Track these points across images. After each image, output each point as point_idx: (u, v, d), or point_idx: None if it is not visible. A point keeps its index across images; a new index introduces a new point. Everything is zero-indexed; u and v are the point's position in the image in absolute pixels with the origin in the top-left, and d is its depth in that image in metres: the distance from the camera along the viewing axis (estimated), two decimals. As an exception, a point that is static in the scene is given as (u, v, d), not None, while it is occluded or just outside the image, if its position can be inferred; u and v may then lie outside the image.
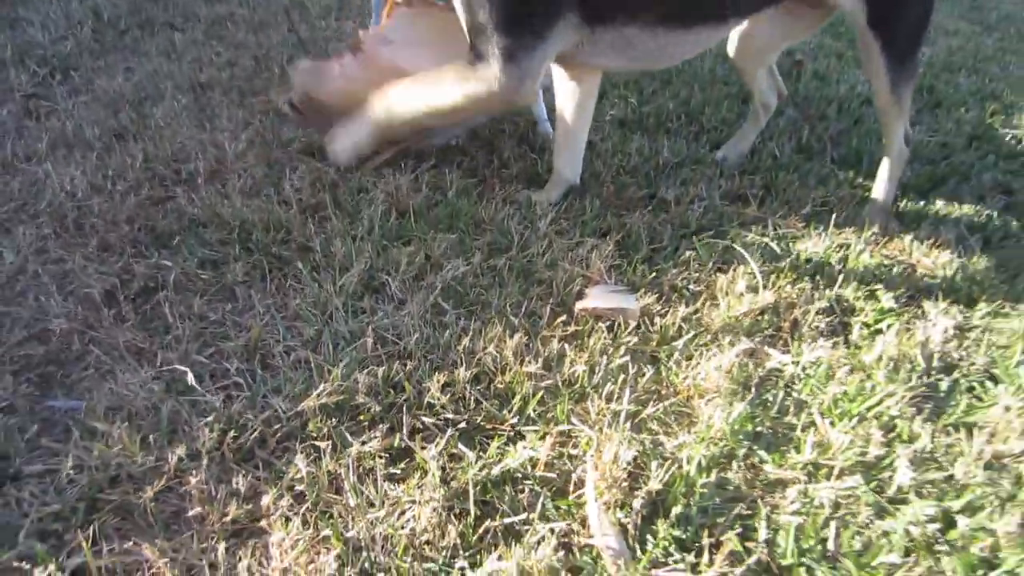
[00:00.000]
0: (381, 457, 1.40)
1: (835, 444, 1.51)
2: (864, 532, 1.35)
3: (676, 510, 1.33)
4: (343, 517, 1.28)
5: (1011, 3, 5.31)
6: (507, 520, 1.30)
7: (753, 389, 1.66)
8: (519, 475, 1.38)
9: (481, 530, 1.28)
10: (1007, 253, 2.22)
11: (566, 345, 1.69)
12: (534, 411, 1.53)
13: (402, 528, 1.26)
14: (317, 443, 1.41)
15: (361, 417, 1.48)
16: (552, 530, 1.27)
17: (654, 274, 1.96)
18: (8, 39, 3.00)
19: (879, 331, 1.87)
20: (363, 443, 1.41)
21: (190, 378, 1.50)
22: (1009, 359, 1.81)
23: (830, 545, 1.31)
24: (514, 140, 2.47)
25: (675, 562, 1.25)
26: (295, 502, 1.30)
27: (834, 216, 2.27)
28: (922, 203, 2.45)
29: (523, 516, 1.30)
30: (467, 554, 1.24)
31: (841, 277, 2.02)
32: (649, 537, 1.28)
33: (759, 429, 1.56)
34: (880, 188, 2.31)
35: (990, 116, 3.08)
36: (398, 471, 1.38)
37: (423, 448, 1.41)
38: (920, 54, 2.21)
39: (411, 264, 1.90)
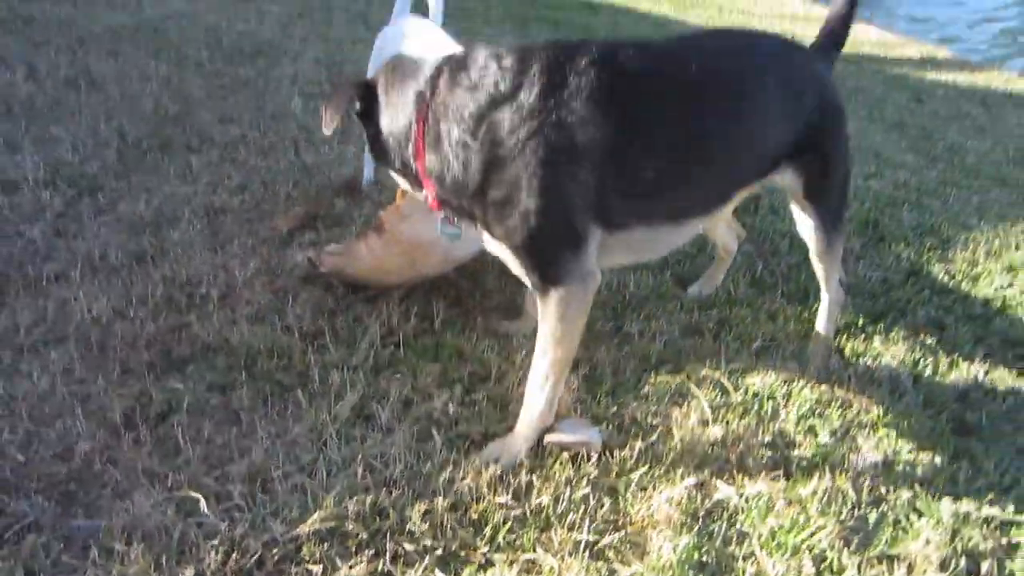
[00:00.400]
0: (367, 582, 1.59)
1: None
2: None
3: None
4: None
5: (957, 132, 5.72)
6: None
7: (700, 520, 1.87)
8: (488, 602, 1.59)
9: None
10: (935, 390, 2.46)
11: (534, 476, 1.91)
12: (504, 539, 1.74)
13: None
14: (310, 567, 1.61)
15: (349, 542, 1.68)
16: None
17: (616, 407, 2.19)
18: (41, 158, 3.27)
19: (816, 465, 2.10)
20: (351, 567, 1.61)
21: (202, 504, 1.70)
22: (932, 493, 2.03)
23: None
24: (496, 271, 2.72)
25: None
26: (290, 625, 1.50)
27: (780, 351, 2.53)
28: (862, 337, 2.71)
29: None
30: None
31: (784, 412, 2.27)
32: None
33: (704, 559, 1.76)
34: (821, 327, 2.57)
35: (928, 251, 3.38)
36: (381, 596, 1.58)
37: (403, 574, 1.61)
38: (847, 212, 2.50)
39: (399, 394, 2.13)
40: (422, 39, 2.77)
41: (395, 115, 1.96)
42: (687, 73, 1.97)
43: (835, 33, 2.35)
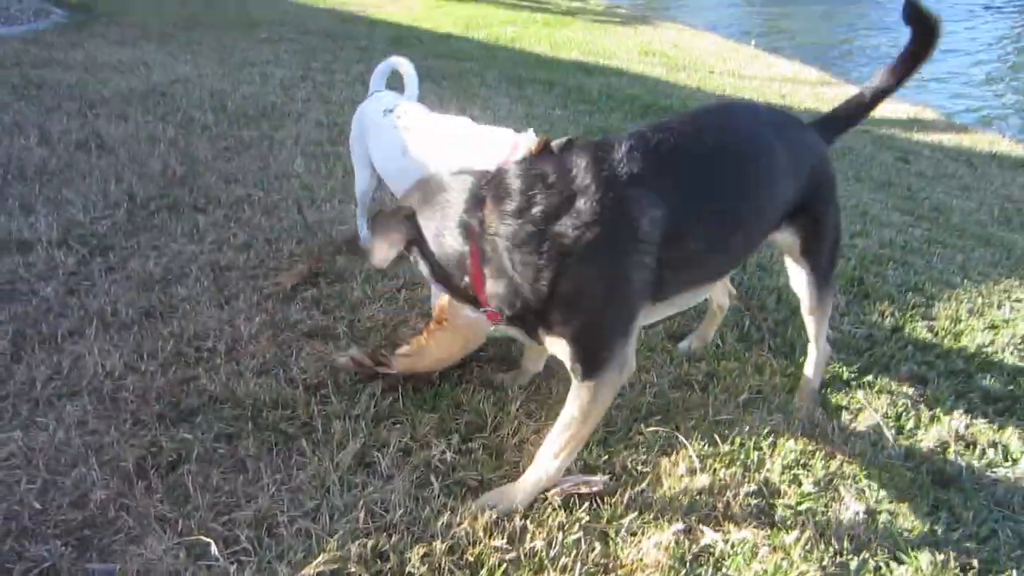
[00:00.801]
0: (368, 622, 1.67)
1: (755, 618, 1.80)
2: None
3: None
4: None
5: (943, 191, 5.89)
6: None
7: (687, 564, 1.95)
8: (483, 641, 1.66)
9: None
10: (915, 442, 2.55)
11: (528, 521, 2.00)
12: (498, 582, 1.82)
13: None
14: (315, 608, 1.69)
15: (352, 585, 1.77)
16: None
17: (607, 456, 2.28)
18: (54, 219, 3.41)
19: (800, 512, 2.18)
20: (354, 609, 1.69)
21: (213, 549, 1.78)
22: (911, 541, 2.11)
23: None
24: (493, 325, 2.83)
25: None
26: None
27: (767, 404, 2.62)
28: (845, 392, 2.81)
29: None
30: None
31: (769, 462, 2.35)
32: None
33: (691, 602, 1.84)
34: (806, 380, 2.69)
35: (912, 308, 3.50)
36: (382, 636, 1.65)
37: (404, 615, 1.69)
38: (836, 271, 2.64)
39: (399, 443, 2.22)
40: (411, 122, 2.94)
41: (442, 248, 1.99)
42: (715, 146, 2.10)
43: (849, 116, 2.50)
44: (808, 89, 9.88)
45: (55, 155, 4.21)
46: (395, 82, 3.51)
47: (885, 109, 9.85)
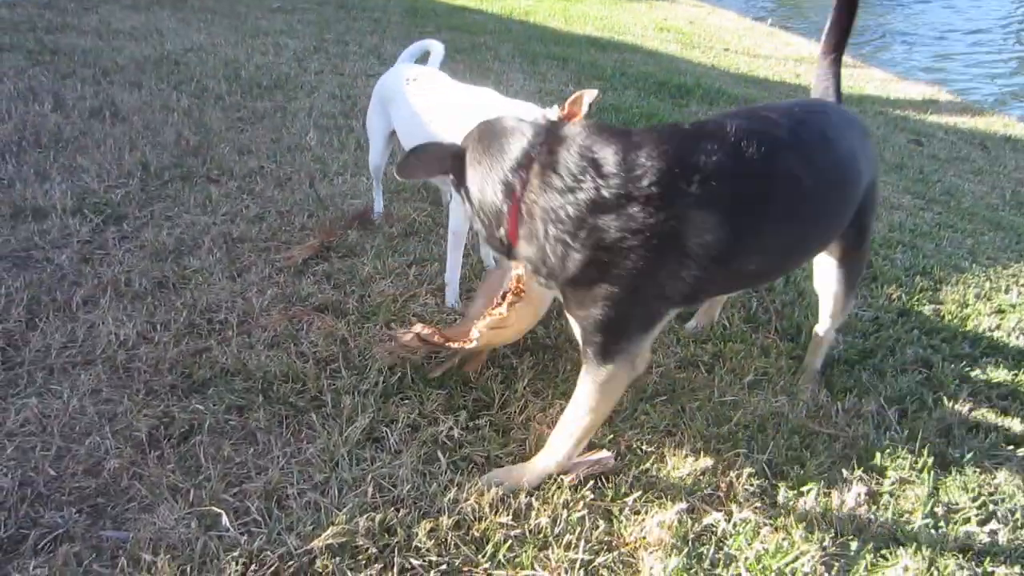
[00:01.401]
0: (375, 593, 1.71)
1: (755, 596, 1.84)
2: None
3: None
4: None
5: (954, 174, 5.85)
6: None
7: (690, 543, 1.98)
8: (488, 614, 1.70)
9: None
10: (919, 425, 2.57)
11: (533, 499, 2.03)
12: (504, 556, 1.85)
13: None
14: (323, 579, 1.73)
15: (360, 557, 1.81)
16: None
17: (612, 435, 2.31)
18: (68, 187, 3.43)
19: (802, 494, 2.21)
20: (361, 580, 1.73)
21: (224, 519, 1.82)
22: (912, 523, 2.14)
23: None
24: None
25: None
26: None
27: (772, 385, 2.64)
28: (850, 375, 2.82)
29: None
30: None
31: (773, 443, 2.38)
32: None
33: (692, 580, 1.88)
34: (811, 362, 2.71)
35: (919, 292, 3.50)
36: (389, 606, 1.69)
37: (410, 586, 1.73)
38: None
39: (407, 418, 2.25)
40: (436, 91, 2.91)
41: (483, 196, 1.92)
42: (808, 167, 1.94)
43: (839, 89, 2.45)
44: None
45: (70, 122, 4.21)
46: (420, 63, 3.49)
47: (900, 90, 9.77)
